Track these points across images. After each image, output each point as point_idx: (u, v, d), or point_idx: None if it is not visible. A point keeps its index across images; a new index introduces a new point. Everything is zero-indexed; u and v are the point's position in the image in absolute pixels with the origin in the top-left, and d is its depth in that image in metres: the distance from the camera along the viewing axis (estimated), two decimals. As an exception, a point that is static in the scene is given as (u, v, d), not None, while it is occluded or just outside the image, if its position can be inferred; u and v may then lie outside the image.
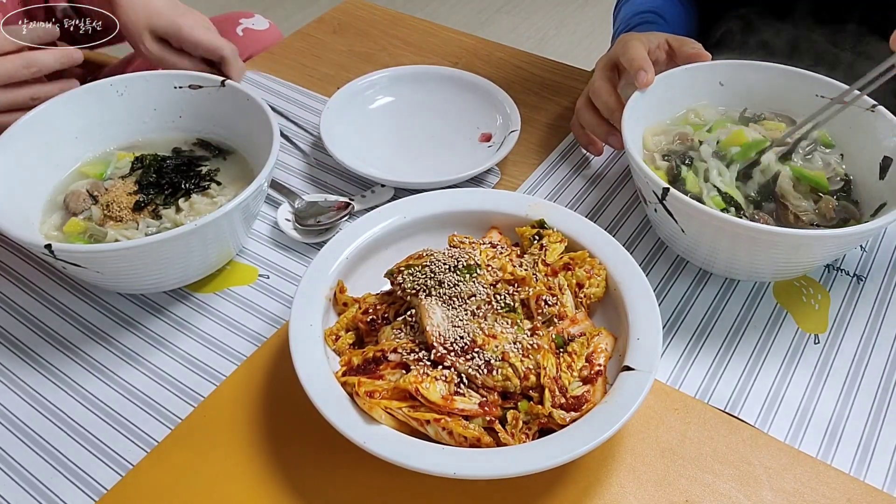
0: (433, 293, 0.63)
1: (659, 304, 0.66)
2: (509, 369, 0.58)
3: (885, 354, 0.70)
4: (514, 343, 0.60)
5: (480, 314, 0.62)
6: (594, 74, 0.85)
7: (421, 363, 0.59)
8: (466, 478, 0.53)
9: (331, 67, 1.08)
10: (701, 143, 0.78)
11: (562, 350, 0.62)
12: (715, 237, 0.69)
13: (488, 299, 0.64)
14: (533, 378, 0.59)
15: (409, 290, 0.64)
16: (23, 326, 0.72)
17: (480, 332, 0.60)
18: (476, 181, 0.88)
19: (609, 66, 0.84)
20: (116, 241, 0.70)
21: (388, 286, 0.67)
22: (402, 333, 0.62)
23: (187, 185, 0.77)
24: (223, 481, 0.60)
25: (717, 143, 0.78)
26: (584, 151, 0.91)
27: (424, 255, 0.66)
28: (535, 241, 0.71)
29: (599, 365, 0.62)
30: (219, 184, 0.79)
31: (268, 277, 0.77)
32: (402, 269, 0.65)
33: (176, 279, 0.72)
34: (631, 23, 0.98)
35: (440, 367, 0.59)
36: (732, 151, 0.77)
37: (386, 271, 0.67)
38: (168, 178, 0.78)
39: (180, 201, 0.76)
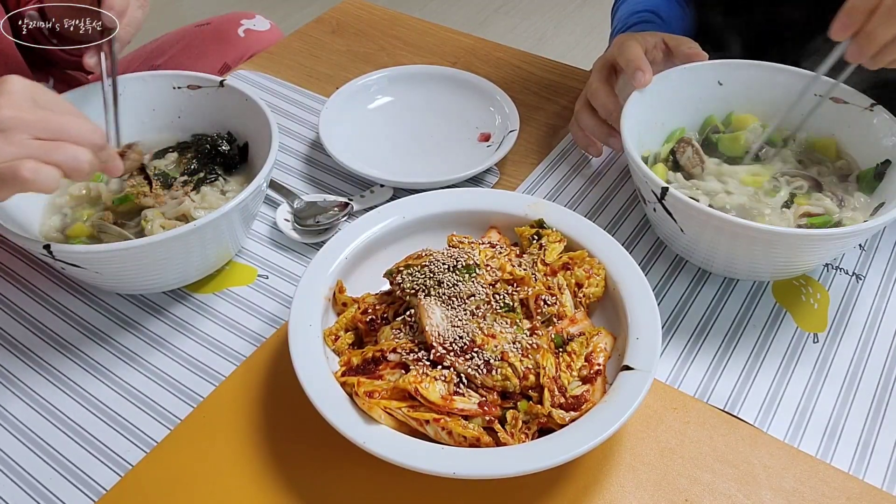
0: (432, 293, 0.63)
1: (658, 304, 0.66)
2: (508, 369, 0.58)
3: (885, 353, 0.70)
4: (514, 343, 0.60)
5: (479, 314, 0.62)
6: (591, 76, 0.85)
7: (420, 363, 0.59)
8: (466, 478, 0.53)
9: (329, 67, 1.08)
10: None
11: (561, 350, 0.63)
12: (714, 237, 0.69)
13: (487, 299, 0.64)
14: (532, 378, 0.59)
15: (408, 290, 0.64)
16: (22, 327, 0.72)
17: (479, 332, 0.60)
18: (475, 181, 0.88)
19: (606, 67, 0.84)
20: (122, 238, 0.70)
21: (387, 286, 0.67)
22: (402, 333, 0.62)
23: (217, 171, 0.79)
24: (223, 482, 0.60)
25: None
26: (584, 152, 0.92)
27: (423, 254, 0.66)
28: (534, 241, 0.71)
29: (599, 364, 0.62)
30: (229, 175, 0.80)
31: (267, 278, 0.77)
32: (402, 268, 0.65)
33: (175, 279, 0.72)
34: (628, 22, 0.98)
35: (439, 366, 0.59)
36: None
37: (385, 271, 0.67)
38: (220, 158, 0.80)
39: (192, 193, 0.76)
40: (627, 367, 0.59)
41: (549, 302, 0.65)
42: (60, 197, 0.77)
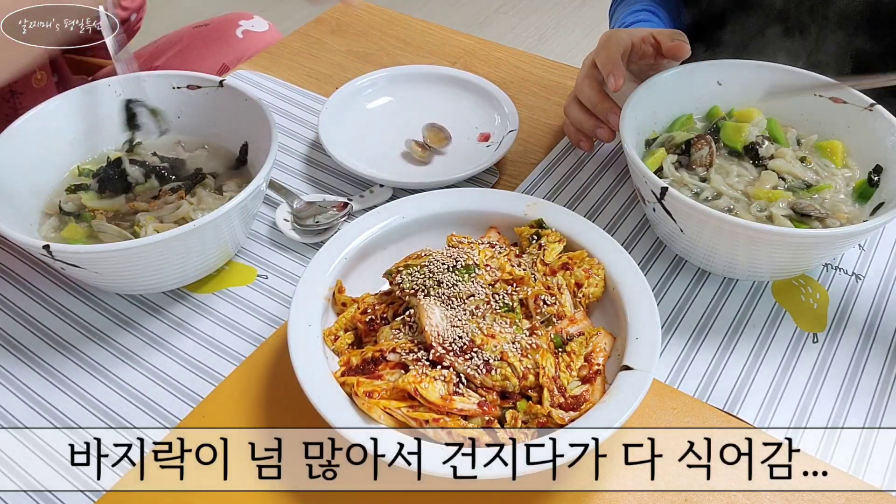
0: (432, 293, 0.63)
1: (658, 304, 0.66)
2: (508, 369, 0.58)
3: (884, 353, 0.70)
4: (513, 343, 0.60)
5: (479, 314, 0.62)
6: (579, 72, 0.86)
7: (420, 363, 0.59)
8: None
9: (329, 67, 1.08)
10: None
11: (560, 350, 0.63)
12: (713, 236, 0.69)
13: (487, 299, 0.64)
14: (532, 378, 0.59)
15: (407, 290, 0.64)
16: (21, 327, 0.72)
17: (479, 332, 0.60)
18: (474, 181, 0.88)
19: (593, 63, 0.85)
20: (121, 238, 0.70)
21: (386, 286, 0.67)
22: (401, 333, 0.62)
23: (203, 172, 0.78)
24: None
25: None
26: (579, 149, 0.91)
27: (423, 255, 0.66)
28: (534, 241, 0.71)
29: (598, 364, 0.62)
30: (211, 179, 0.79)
31: (266, 278, 0.77)
32: (401, 269, 0.65)
33: (174, 279, 0.72)
34: (625, 22, 0.98)
35: (439, 366, 0.59)
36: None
37: (384, 271, 0.67)
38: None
39: (188, 197, 0.76)
40: (627, 367, 0.59)
41: (548, 302, 0.65)
42: (59, 197, 0.76)
